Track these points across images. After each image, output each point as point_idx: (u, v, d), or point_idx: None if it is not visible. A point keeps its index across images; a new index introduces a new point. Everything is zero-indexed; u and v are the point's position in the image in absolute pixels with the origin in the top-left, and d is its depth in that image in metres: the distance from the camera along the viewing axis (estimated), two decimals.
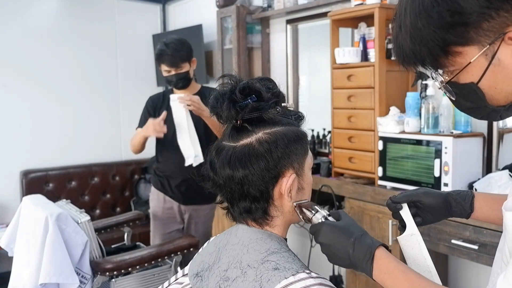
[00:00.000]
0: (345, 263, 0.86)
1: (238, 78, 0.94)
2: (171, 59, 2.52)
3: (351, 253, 0.84)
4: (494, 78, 0.77)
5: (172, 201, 2.68)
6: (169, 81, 2.61)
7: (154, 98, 2.74)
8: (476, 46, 0.75)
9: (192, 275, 1.02)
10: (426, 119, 2.17)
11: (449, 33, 0.75)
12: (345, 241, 0.85)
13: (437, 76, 0.83)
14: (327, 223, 0.89)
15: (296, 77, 3.35)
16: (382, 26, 2.30)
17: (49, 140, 3.94)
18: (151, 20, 4.49)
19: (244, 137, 0.92)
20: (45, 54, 3.89)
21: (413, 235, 1.00)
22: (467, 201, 1.03)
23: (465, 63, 0.77)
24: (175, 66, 2.53)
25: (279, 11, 3.18)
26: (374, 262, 0.83)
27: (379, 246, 0.84)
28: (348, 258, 0.85)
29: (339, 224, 0.88)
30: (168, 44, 2.54)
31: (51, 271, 1.93)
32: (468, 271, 2.34)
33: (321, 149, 3.09)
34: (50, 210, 2.03)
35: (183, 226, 2.73)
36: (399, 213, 1.03)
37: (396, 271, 0.82)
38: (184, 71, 2.55)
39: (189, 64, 2.58)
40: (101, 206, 4.10)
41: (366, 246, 0.84)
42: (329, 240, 0.87)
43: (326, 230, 0.88)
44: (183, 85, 2.59)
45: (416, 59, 0.80)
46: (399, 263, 0.83)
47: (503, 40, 0.73)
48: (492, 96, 0.79)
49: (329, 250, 0.87)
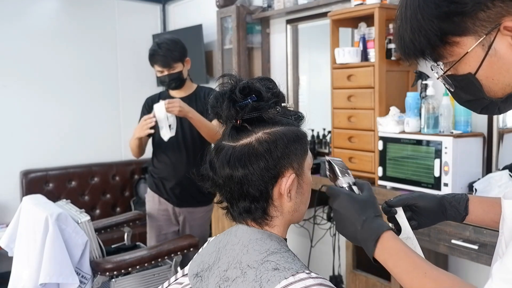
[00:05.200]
0: (350, 236, 0.89)
1: (238, 78, 0.94)
2: (163, 59, 2.50)
3: (359, 229, 0.86)
4: (491, 69, 0.77)
5: (167, 203, 2.66)
6: (162, 81, 2.59)
7: (151, 99, 2.72)
8: (473, 36, 0.76)
9: (192, 275, 1.02)
10: (426, 119, 2.17)
11: (446, 23, 0.76)
12: (357, 217, 0.87)
13: (436, 69, 0.84)
14: (347, 192, 0.91)
15: (296, 77, 3.35)
16: (382, 26, 2.30)
17: (49, 140, 3.94)
18: (151, 20, 4.49)
19: (243, 137, 0.92)
20: (45, 54, 3.89)
21: (408, 238, 1.00)
22: (461, 204, 1.04)
23: (463, 54, 0.78)
24: (168, 66, 2.51)
25: (279, 11, 3.18)
26: (379, 243, 0.84)
27: (388, 229, 0.86)
28: (355, 233, 0.87)
29: (358, 197, 0.90)
30: (161, 44, 2.52)
31: (51, 271, 1.93)
32: (468, 271, 2.34)
33: (321, 149, 3.09)
34: (50, 210, 2.03)
35: (178, 229, 2.72)
36: (395, 217, 1.03)
37: (401, 252, 0.83)
38: (177, 71, 2.53)
39: (183, 64, 2.56)
40: (101, 206, 4.10)
41: (375, 227, 0.86)
42: (343, 210, 0.89)
43: (343, 199, 0.90)
44: (176, 86, 2.58)
45: (416, 50, 0.81)
46: (405, 246, 0.84)
47: (499, 31, 0.74)
48: (490, 87, 0.80)
49: (339, 219, 0.90)
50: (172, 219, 2.68)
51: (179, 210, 2.66)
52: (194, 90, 2.65)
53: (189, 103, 2.55)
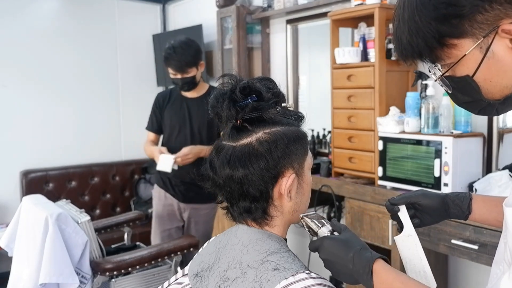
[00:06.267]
0: (349, 279, 0.86)
1: (238, 78, 0.94)
2: (177, 64, 2.51)
3: (351, 268, 0.84)
4: (488, 71, 0.77)
5: (172, 198, 2.71)
6: (175, 83, 2.62)
7: (162, 96, 2.76)
8: (470, 38, 0.76)
9: (192, 275, 1.02)
10: (426, 119, 2.17)
11: (444, 25, 0.76)
12: (345, 256, 0.85)
13: (434, 70, 0.83)
14: (327, 238, 0.89)
15: (296, 77, 3.35)
16: (382, 26, 2.30)
17: (49, 140, 3.94)
18: (151, 20, 4.49)
19: (244, 137, 0.92)
20: (45, 54, 3.89)
21: (410, 236, 1.00)
22: (465, 202, 1.03)
23: (461, 56, 0.78)
24: (181, 71, 2.53)
25: (279, 11, 3.18)
26: (374, 276, 0.83)
27: (377, 259, 0.84)
28: (350, 273, 0.85)
29: (339, 237, 0.88)
30: (176, 47, 2.51)
31: (51, 271, 1.93)
32: (468, 271, 2.34)
33: (321, 149, 3.09)
34: (50, 210, 2.03)
35: (183, 224, 2.74)
36: (398, 215, 1.03)
37: (396, 282, 0.82)
38: (190, 76, 2.55)
39: (197, 68, 2.57)
40: (101, 206, 4.10)
41: (364, 260, 0.84)
42: (331, 256, 0.87)
43: (327, 245, 0.88)
44: (189, 89, 2.61)
45: (414, 52, 0.81)
46: (398, 274, 0.83)
47: (496, 33, 0.74)
48: (487, 89, 0.79)
49: (333, 267, 0.88)
50: (176, 214, 2.72)
51: (184, 206, 2.70)
52: (206, 91, 2.68)
53: (201, 104, 2.61)
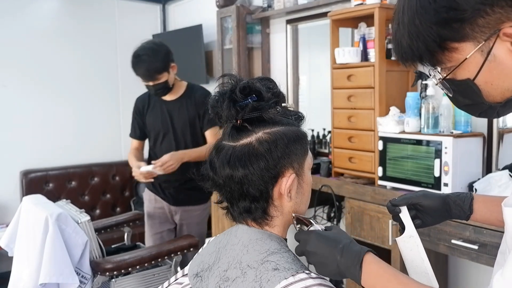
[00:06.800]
0: (333, 271, 0.85)
1: (238, 77, 0.94)
2: (145, 73, 2.37)
3: (339, 259, 0.83)
4: (490, 74, 0.77)
5: (163, 201, 2.67)
6: (149, 90, 2.52)
7: (140, 101, 2.68)
8: (472, 42, 0.75)
9: (192, 275, 1.02)
10: (426, 119, 2.17)
11: (445, 29, 0.75)
12: (333, 248, 0.84)
13: (434, 73, 0.83)
14: (315, 232, 0.88)
15: (296, 77, 3.35)
16: (382, 26, 2.30)
17: (49, 140, 3.94)
18: (151, 20, 4.49)
19: (244, 137, 0.92)
20: (45, 54, 3.89)
21: (411, 237, 1.00)
22: (466, 203, 1.03)
23: (462, 59, 0.77)
24: (151, 79, 2.39)
25: (279, 11, 3.18)
26: (363, 267, 0.82)
27: (367, 251, 0.84)
28: (336, 265, 0.84)
29: (327, 233, 0.88)
30: (141, 55, 2.36)
31: (51, 271, 1.92)
32: (468, 271, 2.34)
33: (321, 149, 3.09)
34: (50, 210, 2.03)
35: (174, 227, 2.72)
36: (399, 216, 1.03)
37: (387, 274, 0.82)
38: (162, 82, 2.42)
39: (168, 72, 2.43)
40: (101, 206, 4.10)
41: (354, 252, 0.83)
42: (317, 249, 0.86)
43: (314, 238, 0.87)
44: (163, 94, 2.51)
45: (414, 55, 0.80)
46: (388, 267, 0.83)
47: (498, 37, 0.74)
48: (489, 92, 0.79)
49: (317, 259, 0.86)
50: (168, 217, 2.69)
51: (175, 208, 2.67)
52: (184, 91, 2.58)
53: (180, 107, 2.54)
